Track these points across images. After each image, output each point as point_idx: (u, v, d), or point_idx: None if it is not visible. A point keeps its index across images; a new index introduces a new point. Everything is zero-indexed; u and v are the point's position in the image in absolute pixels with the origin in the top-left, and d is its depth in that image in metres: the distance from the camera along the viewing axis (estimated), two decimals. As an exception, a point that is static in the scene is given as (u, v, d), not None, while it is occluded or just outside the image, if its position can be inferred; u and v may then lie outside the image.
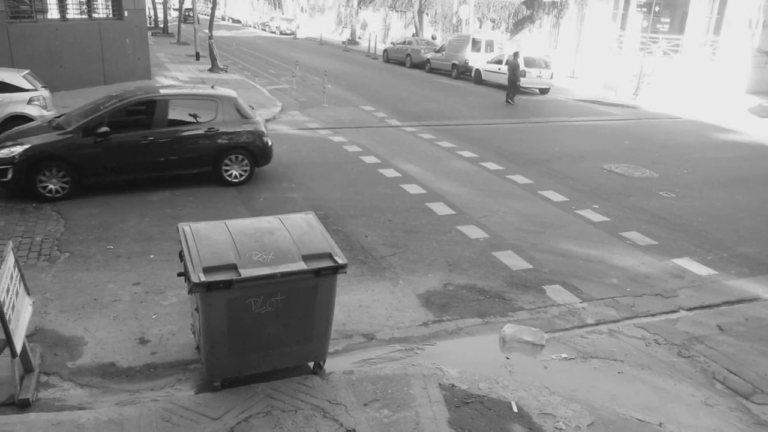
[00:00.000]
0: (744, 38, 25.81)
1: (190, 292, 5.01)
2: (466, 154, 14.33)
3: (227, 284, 4.76)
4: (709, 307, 7.48)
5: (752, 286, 8.09)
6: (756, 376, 6.01)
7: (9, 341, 4.71)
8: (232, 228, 5.28)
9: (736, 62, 25.88)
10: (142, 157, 10.24)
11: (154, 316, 6.53)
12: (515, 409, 5.19)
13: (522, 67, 24.10)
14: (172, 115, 10.52)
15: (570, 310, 7.21)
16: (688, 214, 10.75)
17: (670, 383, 5.85)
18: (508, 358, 6.18)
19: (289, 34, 52.76)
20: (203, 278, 4.69)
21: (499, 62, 25.94)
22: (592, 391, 5.66)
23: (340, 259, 5.16)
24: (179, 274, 5.46)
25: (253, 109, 11.75)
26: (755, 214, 11.01)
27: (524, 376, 5.84)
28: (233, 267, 4.85)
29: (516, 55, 22.69)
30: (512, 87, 22.21)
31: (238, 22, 69.03)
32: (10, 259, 5.20)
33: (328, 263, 5.12)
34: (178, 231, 5.30)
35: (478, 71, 27.35)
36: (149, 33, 28.88)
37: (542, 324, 6.83)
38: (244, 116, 11.06)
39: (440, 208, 10.35)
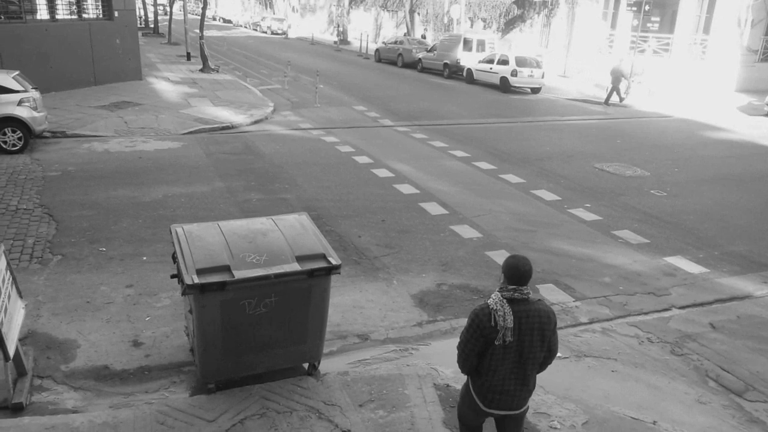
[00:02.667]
0: (733, 37, 25.97)
1: (183, 293, 4.99)
2: (459, 153, 14.35)
3: (221, 286, 4.74)
4: (702, 305, 7.53)
5: (744, 284, 8.15)
6: (748, 374, 6.05)
7: (1, 345, 4.67)
8: (225, 229, 5.26)
9: (726, 61, 26.03)
10: None
11: (147, 319, 6.50)
12: (510, 409, 5.20)
13: (514, 68, 24.34)
14: None
15: (563, 309, 7.23)
16: (680, 213, 10.81)
17: (663, 381, 5.89)
18: (502, 357, 6.19)
19: (281, 34, 52.62)
20: (197, 280, 4.67)
21: (491, 62, 26.01)
22: (586, 389, 5.69)
23: (334, 260, 5.15)
24: (172, 276, 5.44)
25: None
26: (746, 212, 11.08)
27: (519, 375, 5.85)
28: (227, 268, 4.84)
29: (621, 61, 23.53)
30: (614, 90, 22.97)
31: (229, 22, 68.76)
32: (2, 262, 5.17)
33: (321, 264, 5.11)
34: (170, 232, 5.28)
35: (469, 71, 27.39)
36: (140, 33, 28.71)
37: (536, 323, 6.84)
38: None
39: (433, 208, 10.36)
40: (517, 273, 3.72)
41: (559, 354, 6.21)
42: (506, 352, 3.70)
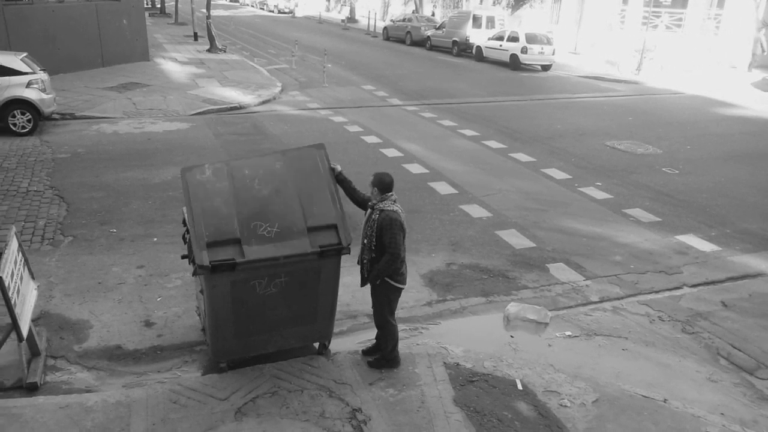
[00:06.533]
0: (748, 11, 25.47)
1: (194, 274, 5.01)
2: (468, 132, 14.25)
3: (231, 267, 4.75)
4: (713, 283, 7.48)
5: (756, 262, 8.08)
6: (760, 352, 6.03)
7: (15, 325, 4.72)
8: (237, 178, 5.12)
9: (740, 36, 25.58)
10: None
11: (158, 299, 6.54)
12: (520, 387, 5.22)
13: (524, 44, 24.05)
14: None
15: (574, 288, 7.21)
16: (692, 191, 10.71)
17: (674, 359, 5.87)
18: (512, 336, 6.20)
19: (288, 13, 52.20)
20: (206, 260, 4.68)
21: (501, 39, 25.70)
22: (596, 368, 5.68)
23: (344, 239, 5.13)
24: (183, 257, 5.47)
25: None
26: (759, 189, 10.96)
27: (529, 354, 5.87)
28: (237, 241, 4.82)
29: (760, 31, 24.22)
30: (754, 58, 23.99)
31: (236, 1, 68.21)
32: (14, 244, 5.20)
33: (332, 240, 5.08)
34: (181, 177, 5.12)
35: (479, 48, 27.10)
36: (147, 14, 28.56)
37: (546, 302, 6.84)
38: None
39: (443, 188, 10.32)
40: (388, 182, 5.09)
41: (568, 332, 6.25)
42: (404, 237, 5.13)
